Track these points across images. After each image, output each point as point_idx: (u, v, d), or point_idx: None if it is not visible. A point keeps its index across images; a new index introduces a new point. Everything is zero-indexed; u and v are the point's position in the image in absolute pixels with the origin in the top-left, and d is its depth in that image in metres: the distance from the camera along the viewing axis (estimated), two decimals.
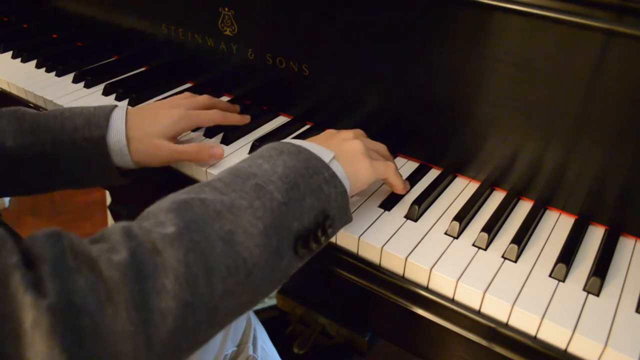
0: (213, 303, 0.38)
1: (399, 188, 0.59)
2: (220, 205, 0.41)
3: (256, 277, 0.41)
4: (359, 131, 0.59)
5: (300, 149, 0.48)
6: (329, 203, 0.46)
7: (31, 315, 0.30)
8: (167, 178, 0.69)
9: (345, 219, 0.50)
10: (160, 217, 0.39)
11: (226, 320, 0.41)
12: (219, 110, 0.68)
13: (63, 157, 0.58)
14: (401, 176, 0.59)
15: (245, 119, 0.72)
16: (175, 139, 0.64)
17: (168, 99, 0.68)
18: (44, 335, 0.30)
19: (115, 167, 0.60)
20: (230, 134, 0.70)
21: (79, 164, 0.59)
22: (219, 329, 0.40)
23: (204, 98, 0.69)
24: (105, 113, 0.59)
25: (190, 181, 0.67)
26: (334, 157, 0.49)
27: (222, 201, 0.41)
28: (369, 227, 0.55)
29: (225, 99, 0.82)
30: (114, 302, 0.33)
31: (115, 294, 0.33)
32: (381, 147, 0.60)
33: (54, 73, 0.89)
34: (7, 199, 1.81)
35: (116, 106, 0.61)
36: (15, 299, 0.31)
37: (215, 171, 0.64)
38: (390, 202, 0.59)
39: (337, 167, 0.49)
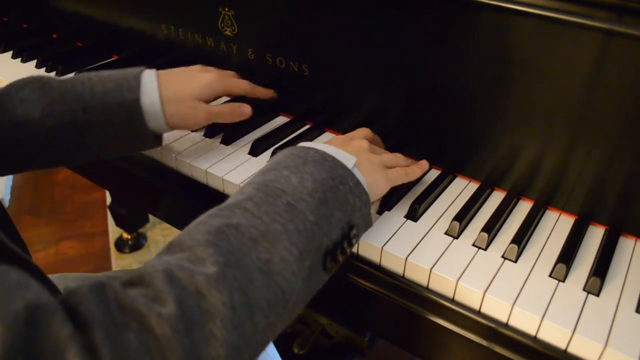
0: (257, 339, 0.38)
1: (418, 175, 0.59)
2: (255, 232, 0.40)
3: (292, 303, 0.41)
4: (368, 133, 0.59)
5: (325, 156, 0.47)
6: (354, 213, 0.46)
7: None
8: (167, 178, 0.69)
9: (368, 225, 0.50)
10: (197, 252, 0.38)
11: (263, 348, 0.40)
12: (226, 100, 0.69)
13: (95, 123, 0.57)
14: (413, 167, 0.59)
15: (270, 92, 0.72)
16: (208, 102, 0.64)
17: (196, 65, 0.67)
18: None
19: (150, 131, 0.59)
20: (230, 134, 0.70)
21: (112, 130, 0.58)
22: (257, 355, 0.40)
23: (231, 72, 0.70)
24: (135, 75, 0.58)
25: (190, 181, 0.67)
26: (355, 164, 0.49)
27: (256, 227, 0.40)
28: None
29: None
30: (167, 358, 0.32)
31: (168, 350, 0.32)
32: (384, 150, 0.60)
33: (54, 73, 0.89)
34: (7, 199, 1.81)
35: (143, 68, 0.60)
36: None
37: (214, 171, 0.64)
38: (390, 202, 0.59)
39: (359, 175, 0.49)
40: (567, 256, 0.51)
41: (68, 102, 0.56)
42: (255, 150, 0.68)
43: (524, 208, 0.60)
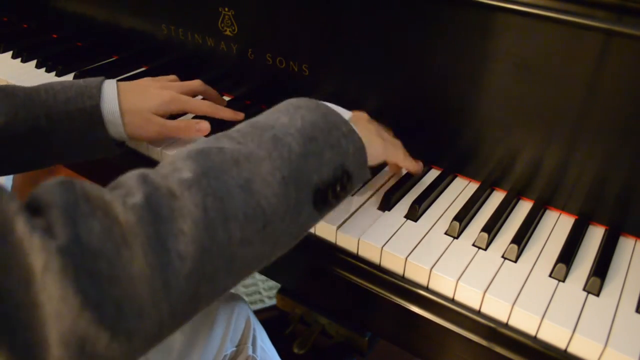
0: (231, 250, 0.37)
1: (413, 170, 0.60)
2: (238, 154, 0.41)
3: (274, 228, 0.41)
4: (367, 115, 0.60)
5: (319, 105, 0.48)
6: (348, 158, 0.46)
7: (41, 259, 0.29)
8: None
9: (364, 175, 0.49)
10: (177, 164, 0.39)
11: (244, 270, 0.40)
12: (210, 99, 0.69)
13: (58, 130, 0.59)
14: (411, 158, 0.60)
15: (238, 115, 0.71)
16: (165, 117, 0.65)
17: (158, 77, 0.69)
18: (55, 278, 0.29)
19: (110, 137, 0.61)
20: None
21: (74, 136, 0.60)
22: (237, 279, 0.40)
23: (196, 84, 0.70)
24: (96, 84, 0.60)
25: None
26: (350, 119, 0.49)
27: (239, 150, 0.41)
28: (369, 227, 0.55)
29: (225, 99, 0.82)
30: (130, 245, 0.33)
31: (132, 236, 0.33)
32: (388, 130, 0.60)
33: (54, 73, 0.89)
34: None
35: (104, 78, 0.62)
36: (22, 244, 0.30)
37: None
38: (390, 202, 0.59)
39: (354, 126, 0.49)
40: (567, 256, 0.51)
41: (31, 109, 0.58)
42: None
43: (524, 208, 0.60)
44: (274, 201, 0.40)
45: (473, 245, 0.54)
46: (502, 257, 0.52)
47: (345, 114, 0.49)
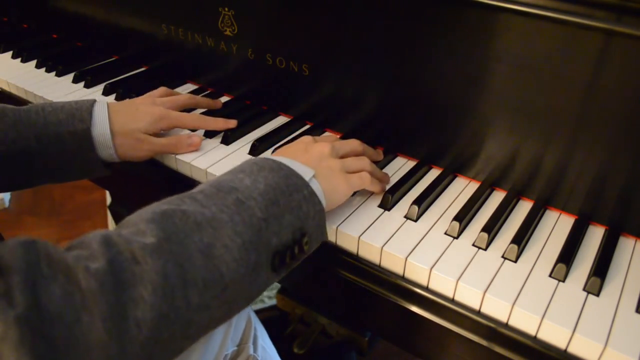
0: (188, 316, 0.38)
1: (378, 191, 0.59)
2: (200, 217, 0.41)
3: (232, 292, 0.41)
4: (332, 137, 0.60)
5: (282, 166, 0.48)
6: (307, 221, 0.47)
7: None
8: (167, 177, 0.69)
9: (322, 236, 0.50)
10: (140, 226, 0.39)
11: (199, 333, 0.40)
12: (201, 112, 0.70)
13: (47, 151, 0.59)
14: (378, 176, 0.60)
15: (230, 123, 0.71)
16: (156, 135, 0.65)
17: (147, 94, 0.70)
18: (12, 347, 0.29)
19: (100, 159, 0.62)
20: (229, 135, 0.70)
21: (64, 158, 0.60)
22: (191, 342, 0.40)
23: (185, 98, 0.71)
24: (87, 107, 0.61)
25: (190, 181, 0.67)
26: (313, 176, 0.50)
27: (202, 213, 0.41)
28: (369, 227, 0.55)
29: (225, 99, 0.82)
30: (90, 311, 0.33)
31: (92, 303, 0.33)
32: (354, 144, 0.60)
33: (54, 73, 0.89)
34: (7, 199, 1.81)
35: (95, 100, 0.62)
36: None
37: (214, 171, 0.64)
38: (390, 202, 0.59)
39: (315, 186, 0.49)
40: (567, 256, 0.51)
41: (21, 131, 0.58)
42: (255, 150, 0.68)
43: (524, 208, 0.60)
44: (233, 266, 0.40)
45: (473, 245, 0.54)
46: (502, 257, 0.52)
47: (307, 172, 0.49)
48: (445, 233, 0.55)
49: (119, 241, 0.37)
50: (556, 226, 0.57)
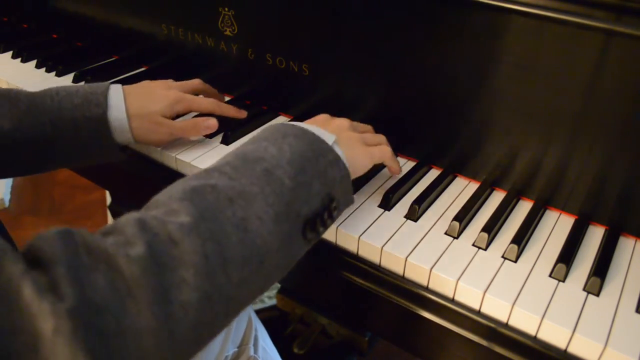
0: (229, 293, 0.38)
1: (395, 169, 0.60)
2: (231, 192, 0.40)
3: (269, 264, 0.41)
4: (348, 120, 0.60)
5: (305, 131, 0.48)
6: (334, 186, 0.47)
7: (51, 323, 0.29)
8: (167, 177, 0.69)
9: (349, 200, 0.50)
10: (172, 205, 0.38)
11: (240, 308, 0.40)
12: (211, 96, 0.69)
13: (63, 136, 0.58)
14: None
15: (242, 113, 0.71)
16: (172, 118, 0.65)
17: (160, 80, 0.69)
18: (66, 342, 0.29)
19: (116, 143, 0.61)
20: (230, 135, 0.70)
21: (80, 143, 0.59)
22: (233, 318, 0.40)
23: (196, 82, 0.71)
24: (103, 90, 0.60)
25: None
26: (335, 141, 0.49)
27: (233, 187, 0.41)
28: (369, 227, 0.55)
29: (225, 99, 0.82)
30: (136, 298, 0.32)
31: (137, 289, 0.32)
32: (368, 127, 0.61)
33: (54, 73, 0.89)
34: (7, 199, 1.81)
35: (110, 83, 0.62)
36: (30, 308, 0.29)
37: None
38: (390, 202, 0.59)
39: (338, 151, 0.49)
40: (567, 256, 0.51)
41: (37, 116, 0.58)
42: None
43: (524, 208, 0.60)
44: (268, 239, 0.40)
45: (473, 245, 0.54)
46: (502, 257, 0.52)
47: (329, 137, 0.49)
48: (445, 233, 0.55)
49: (154, 223, 0.36)
50: (556, 226, 0.57)
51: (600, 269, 0.50)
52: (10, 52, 0.97)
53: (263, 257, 0.40)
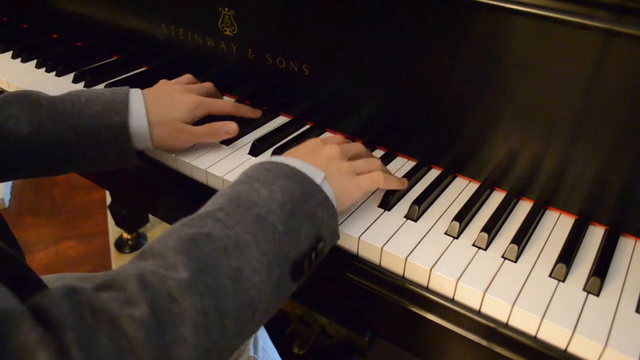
0: (226, 344, 0.39)
1: (396, 186, 0.59)
2: (226, 241, 0.41)
3: (262, 311, 0.42)
4: (339, 138, 0.60)
5: (295, 171, 0.48)
6: (322, 226, 0.47)
7: None
8: (167, 177, 0.69)
9: (335, 238, 0.50)
10: (170, 258, 0.39)
11: (231, 354, 0.42)
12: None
13: (82, 143, 0.58)
14: (391, 176, 0.59)
15: (257, 112, 0.73)
16: (192, 123, 0.65)
17: (175, 80, 0.69)
18: None
19: (134, 150, 0.61)
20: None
21: (98, 149, 0.59)
22: None
23: (209, 85, 0.71)
24: (123, 97, 0.60)
25: (190, 181, 0.67)
26: (324, 178, 0.50)
27: (227, 236, 0.41)
28: (369, 227, 0.55)
29: (225, 99, 0.82)
30: (139, 358, 0.33)
31: (140, 351, 0.33)
32: (360, 148, 0.60)
33: (54, 73, 0.89)
34: (7, 199, 1.81)
35: (129, 89, 0.61)
36: None
37: (215, 171, 0.64)
38: (390, 202, 0.59)
39: (327, 188, 0.49)
40: (567, 256, 0.51)
41: (57, 122, 0.58)
42: (255, 150, 0.68)
43: (524, 208, 0.60)
44: (261, 287, 0.41)
45: (473, 245, 0.54)
46: (502, 257, 0.52)
47: (319, 175, 0.49)
48: (445, 233, 0.55)
49: (154, 280, 0.36)
50: (556, 226, 0.57)
51: (600, 269, 0.50)
52: (10, 52, 0.97)
53: (256, 307, 0.41)
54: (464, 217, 0.56)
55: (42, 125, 0.57)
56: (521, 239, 0.53)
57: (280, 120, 0.76)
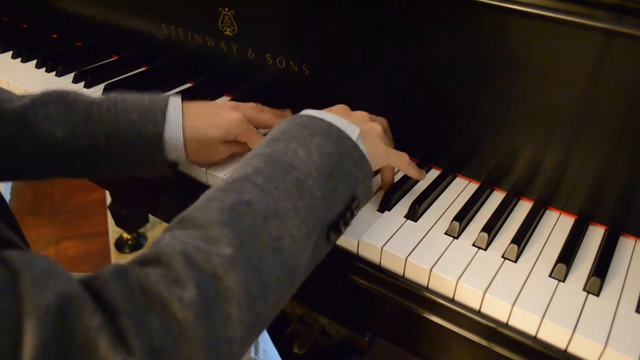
0: (266, 315, 0.39)
1: (416, 175, 0.59)
2: (266, 210, 0.41)
3: (299, 278, 0.42)
4: (366, 113, 0.59)
5: (332, 128, 0.47)
6: (357, 185, 0.47)
7: None
8: (167, 178, 0.69)
9: (369, 196, 0.50)
10: (212, 231, 0.38)
11: (268, 323, 0.41)
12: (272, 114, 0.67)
13: (116, 151, 0.57)
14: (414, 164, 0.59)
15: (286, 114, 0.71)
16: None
17: (224, 102, 0.65)
18: None
19: (168, 161, 0.59)
20: None
21: (132, 158, 0.58)
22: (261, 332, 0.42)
23: (253, 105, 0.67)
24: (161, 107, 0.57)
25: (190, 181, 0.67)
26: (358, 135, 0.49)
27: (267, 203, 0.41)
28: (369, 227, 0.55)
29: (225, 99, 0.82)
30: (189, 340, 0.33)
31: (190, 333, 0.33)
32: (385, 122, 0.59)
33: (54, 73, 0.89)
34: (7, 199, 1.81)
35: (169, 98, 0.59)
36: None
37: (215, 172, 0.64)
38: (390, 202, 0.59)
39: (362, 146, 0.49)
40: (567, 256, 0.51)
41: (91, 127, 0.56)
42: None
43: (524, 208, 0.60)
44: (300, 256, 0.41)
45: (473, 245, 0.54)
46: (502, 257, 0.52)
47: (354, 131, 0.48)
48: (445, 233, 0.55)
49: (198, 257, 0.36)
50: (556, 226, 0.57)
51: (600, 269, 0.50)
52: (10, 52, 0.97)
53: (295, 275, 0.41)
54: (464, 217, 0.56)
55: (76, 129, 0.56)
56: (521, 239, 0.53)
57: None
